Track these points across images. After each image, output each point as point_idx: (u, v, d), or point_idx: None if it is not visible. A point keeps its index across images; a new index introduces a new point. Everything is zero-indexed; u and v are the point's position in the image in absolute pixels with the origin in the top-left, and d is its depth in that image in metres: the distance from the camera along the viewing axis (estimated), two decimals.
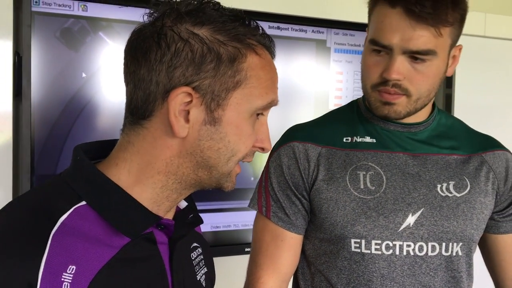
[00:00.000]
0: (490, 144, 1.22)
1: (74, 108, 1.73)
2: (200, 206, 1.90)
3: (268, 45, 0.80)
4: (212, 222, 1.97)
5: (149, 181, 0.77)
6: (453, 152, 1.18)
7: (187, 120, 0.75)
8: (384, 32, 1.06)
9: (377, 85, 1.09)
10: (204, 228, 1.94)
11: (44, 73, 1.68)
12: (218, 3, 0.77)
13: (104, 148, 0.82)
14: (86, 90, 1.74)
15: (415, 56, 1.06)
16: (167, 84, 0.73)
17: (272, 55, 0.82)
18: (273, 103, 0.81)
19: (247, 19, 0.78)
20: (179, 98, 0.73)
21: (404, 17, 1.04)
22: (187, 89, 0.73)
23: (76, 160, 0.78)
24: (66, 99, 1.72)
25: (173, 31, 0.73)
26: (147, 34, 0.75)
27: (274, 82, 0.82)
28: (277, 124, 1.28)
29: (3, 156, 1.62)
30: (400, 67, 1.06)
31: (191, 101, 0.74)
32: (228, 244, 1.98)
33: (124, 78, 0.79)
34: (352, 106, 1.25)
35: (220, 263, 1.83)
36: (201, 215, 2.09)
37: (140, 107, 0.76)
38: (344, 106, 1.27)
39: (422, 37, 1.04)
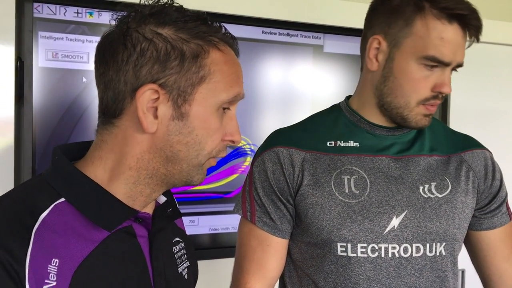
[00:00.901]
0: (468, 143, 1.25)
1: (75, 112, 1.77)
2: (198, 208, 1.95)
3: (230, 42, 0.83)
4: (210, 224, 1.99)
5: (122, 177, 0.81)
6: (433, 153, 1.20)
7: (155, 116, 0.78)
8: (446, 49, 1.07)
9: (427, 100, 1.11)
10: (203, 230, 1.97)
11: (45, 78, 1.72)
12: (181, 6, 0.81)
13: (82, 149, 0.86)
14: (86, 94, 1.77)
15: (456, 68, 1.11)
16: (135, 82, 0.77)
17: (236, 52, 0.85)
18: (238, 96, 0.84)
19: (209, 20, 0.81)
20: (146, 95, 0.77)
21: (461, 33, 1.08)
22: (153, 86, 0.77)
23: (54, 160, 0.82)
24: (67, 104, 1.75)
25: (138, 32, 0.77)
26: (114, 37, 0.79)
27: (239, 76, 0.84)
28: (274, 128, 1.29)
29: (5, 159, 1.65)
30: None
31: (158, 98, 0.77)
32: (227, 246, 1.99)
33: (96, 81, 0.82)
34: (335, 110, 1.25)
35: (218, 265, 1.86)
36: (200, 217, 2.11)
37: (111, 106, 0.79)
38: (326, 110, 1.28)
39: (464, 50, 1.10)
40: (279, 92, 2.05)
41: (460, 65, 1.11)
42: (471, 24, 1.08)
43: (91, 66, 1.77)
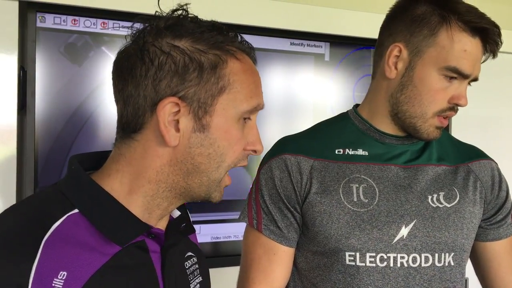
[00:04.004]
0: (475, 154, 1.25)
1: (77, 122, 1.76)
2: (200, 217, 1.94)
3: (248, 51, 0.83)
4: (212, 233, 1.99)
5: (140, 190, 0.80)
6: (442, 163, 1.20)
7: (177, 129, 0.78)
8: (468, 62, 1.08)
9: (443, 111, 1.11)
10: (205, 239, 1.96)
11: (48, 87, 1.72)
12: (196, 17, 0.80)
13: (98, 159, 0.85)
14: (88, 103, 1.77)
15: (470, 83, 1.13)
16: (154, 96, 0.77)
17: (253, 60, 0.85)
18: (258, 107, 0.84)
19: (225, 29, 0.80)
20: (167, 108, 0.76)
21: (481, 47, 1.10)
22: (174, 99, 0.76)
23: (71, 170, 0.81)
24: (69, 113, 1.75)
25: (155, 46, 0.77)
26: (131, 52, 0.78)
27: (258, 85, 0.84)
28: (277, 137, 1.28)
29: (7, 168, 1.64)
30: None
31: (179, 111, 0.77)
32: (229, 255, 1.99)
33: (114, 98, 0.82)
34: (343, 118, 1.24)
35: (221, 274, 1.85)
36: (202, 226, 2.10)
37: (131, 122, 0.79)
38: (333, 118, 1.27)
39: (480, 65, 1.12)
40: (281, 100, 2.05)
41: (475, 79, 1.12)
42: (491, 39, 1.09)
43: None
